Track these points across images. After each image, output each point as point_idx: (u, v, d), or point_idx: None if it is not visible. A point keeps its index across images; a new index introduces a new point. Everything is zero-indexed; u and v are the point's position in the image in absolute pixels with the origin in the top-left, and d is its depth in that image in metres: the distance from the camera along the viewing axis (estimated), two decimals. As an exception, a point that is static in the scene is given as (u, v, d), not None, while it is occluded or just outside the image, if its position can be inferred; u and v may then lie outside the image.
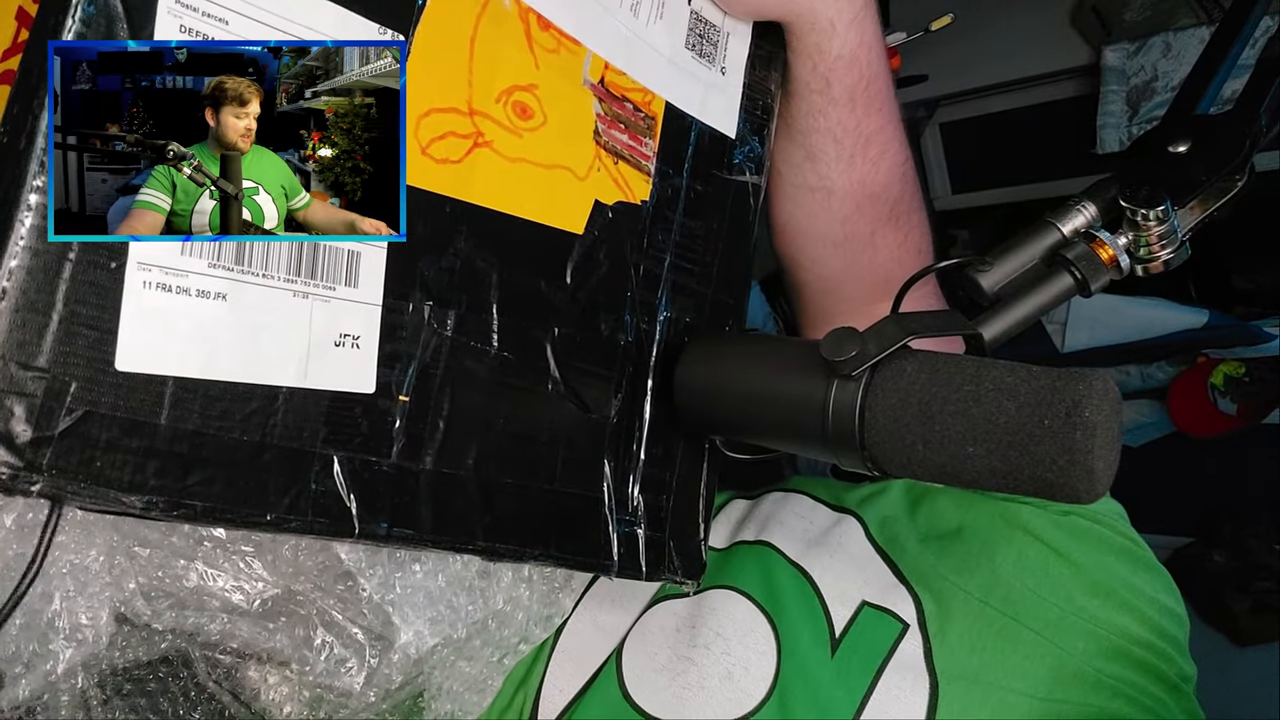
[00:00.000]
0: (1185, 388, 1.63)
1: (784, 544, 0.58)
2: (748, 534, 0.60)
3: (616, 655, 0.55)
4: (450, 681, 0.50)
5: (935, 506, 0.59)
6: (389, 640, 0.45)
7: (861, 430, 0.41)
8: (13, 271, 0.31)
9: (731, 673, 0.52)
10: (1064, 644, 0.51)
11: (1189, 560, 1.63)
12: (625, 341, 0.50)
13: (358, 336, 0.39)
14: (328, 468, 0.38)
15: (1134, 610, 0.53)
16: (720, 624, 0.54)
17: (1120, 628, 0.52)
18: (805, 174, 0.59)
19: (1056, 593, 0.53)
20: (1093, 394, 0.36)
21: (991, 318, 0.46)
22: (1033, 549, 0.54)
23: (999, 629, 0.52)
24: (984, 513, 0.57)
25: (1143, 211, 0.45)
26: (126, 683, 0.42)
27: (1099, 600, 0.52)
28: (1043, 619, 0.52)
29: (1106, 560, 0.54)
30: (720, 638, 0.54)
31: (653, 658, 0.54)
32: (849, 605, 0.54)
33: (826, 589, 0.55)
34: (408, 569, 0.46)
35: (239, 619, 0.44)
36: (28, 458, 0.31)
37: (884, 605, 0.53)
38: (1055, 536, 0.55)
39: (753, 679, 0.52)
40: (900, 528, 0.58)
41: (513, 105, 0.44)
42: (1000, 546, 0.55)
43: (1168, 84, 1.55)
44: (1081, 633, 0.51)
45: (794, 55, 0.56)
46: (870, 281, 0.63)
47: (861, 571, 0.56)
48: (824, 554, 0.57)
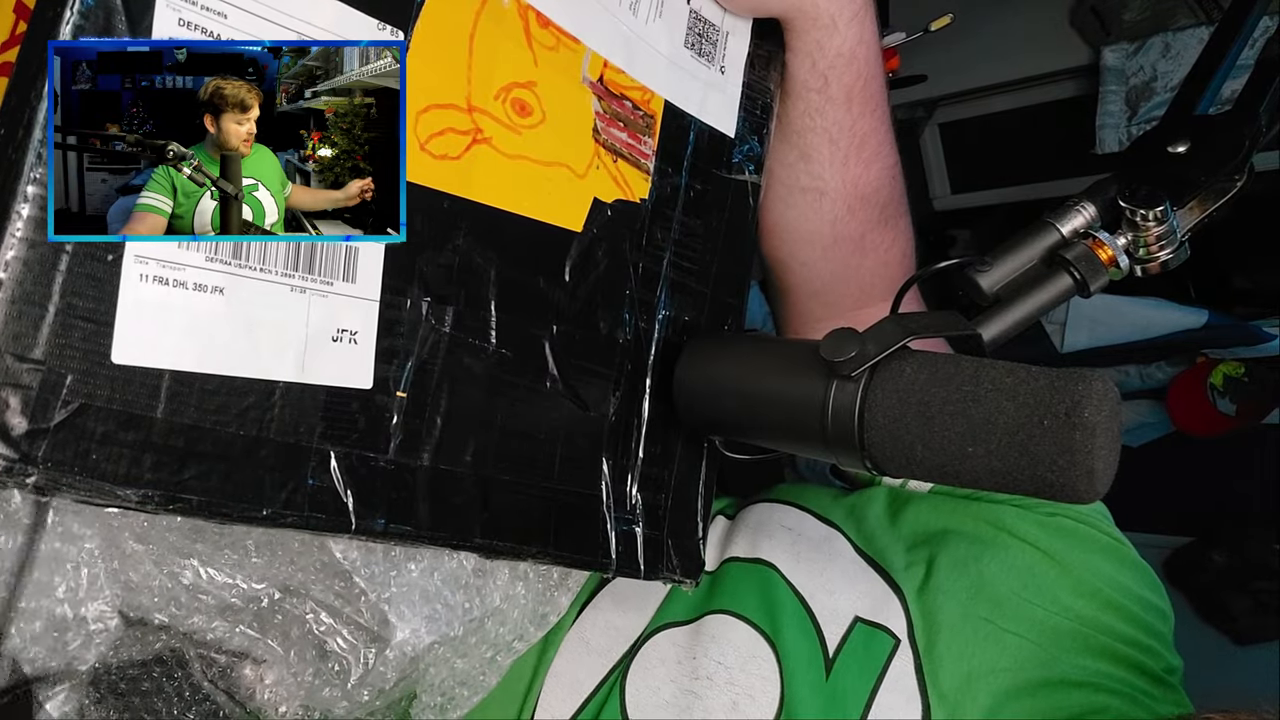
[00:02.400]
0: (1185, 388, 1.63)
1: (779, 561, 0.58)
2: (739, 550, 0.60)
3: (620, 689, 0.55)
4: (442, 677, 0.50)
5: (918, 513, 0.59)
6: (385, 639, 0.45)
7: (861, 430, 0.41)
8: (9, 263, 0.31)
9: (737, 703, 0.52)
10: (1051, 645, 0.52)
11: (1189, 560, 1.63)
12: (624, 340, 0.50)
13: (355, 332, 0.39)
14: (324, 463, 0.38)
15: (1120, 608, 0.53)
16: (722, 652, 0.54)
17: (1107, 626, 0.52)
18: (798, 174, 0.59)
19: (1043, 595, 0.53)
20: (1092, 394, 0.36)
21: (991, 318, 0.46)
22: (1019, 551, 0.55)
23: (985, 634, 0.52)
24: (969, 517, 0.57)
25: (1142, 212, 0.45)
26: (120, 682, 0.42)
27: (1085, 600, 0.53)
28: (1029, 620, 0.52)
29: (1092, 560, 0.55)
30: (723, 667, 0.53)
31: (656, 692, 0.54)
32: (841, 622, 0.54)
33: (819, 607, 0.55)
34: (403, 567, 0.46)
35: (235, 617, 0.43)
36: (23, 450, 0.31)
37: (875, 620, 0.53)
38: (1041, 538, 0.55)
39: (758, 707, 0.52)
40: (885, 536, 0.58)
41: (512, 102, 0.44)
42: (986, 550, 0.55)
43: (1167, 84, 1.55)
44: (1069, 633, 0.52)
45: (792, 54, 0.56)
46: (857, 285, 0.63)
47: (854, 585, 0.55)
48: (815, 570, 0.57)
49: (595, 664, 0.56)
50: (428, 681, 0.49)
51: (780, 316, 0.70)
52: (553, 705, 0.55)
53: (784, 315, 0.69)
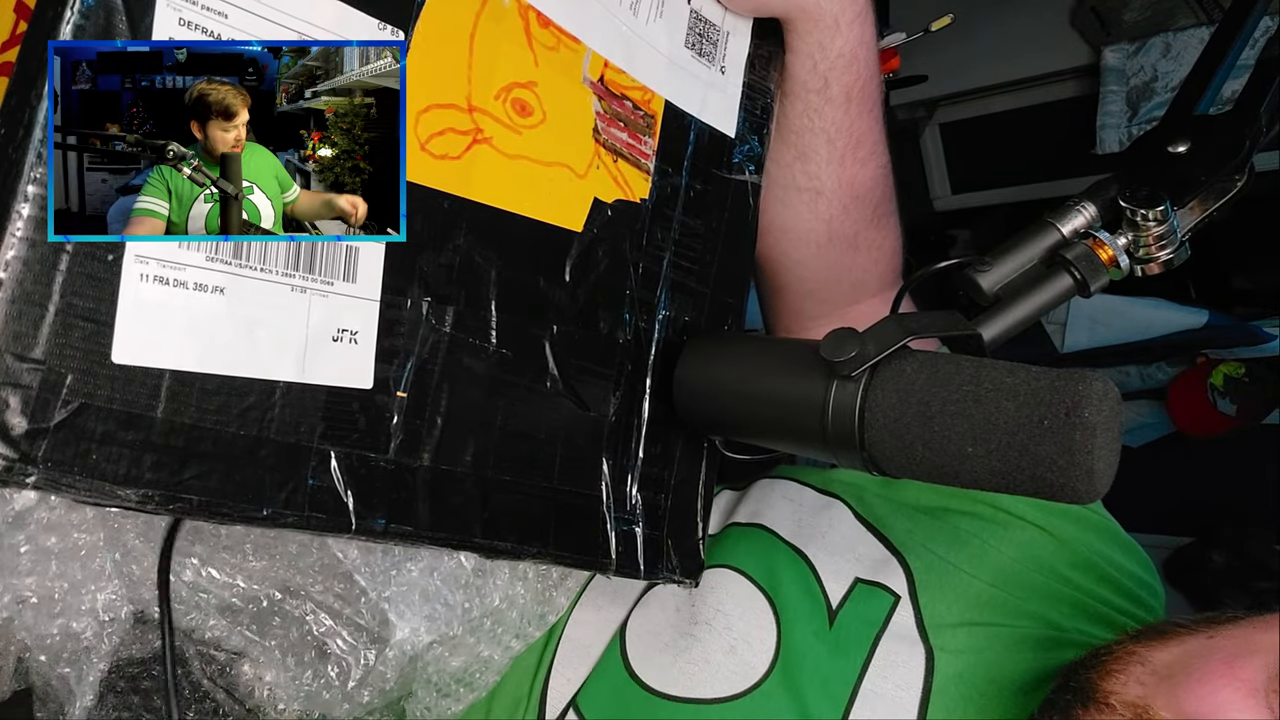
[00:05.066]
0: (1185, 388, 1.63)
1: (778, 526, 0.59)
2: (740, 517, 0.62)
3: (620, 636, 0.56)
4: (439, 675, 0.50)
5: (918, 488, 0.61)
6: (385, 639, 0.45)
7: (861, 431, 0.41)
8: (9, 263, 0.31)
9: (734, 647, 0.53)
10: (1052, 609, 0.54)
11: (1189, 560, 1.63)
12: (624, 340, 0.50)
13: (356, 332, 0.39)
14: (325, 463, 0.38)
15: (1114, 582, 0.56)
16: (720, 601, 0.55)
17: (1103, 596, 0.55)
18: (795, 174, 0.59)
19: (1042, 566, 0.55)
20: (1092, 394, 0.36)
21: (991, 318, 0.46)
22: (1018, 527, 0.57)
23: (987, 597, 0.54)
24: (967, 497, 0.59)
25: (1142, 212, 0.45)
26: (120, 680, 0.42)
27: (1081, 572, 0.56)
28: (1030, 586, 0.54)
29: (1087, 537, 0.57)
30: (721, 614, 0.55)
31: (656, 636, 0.55)
32: (843, 582, 0.55)
33: (821, 566, 0.56)
34: (403, 567, 0.46)
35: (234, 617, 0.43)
36: (23, 450, 0.31)
37: (876, 580, 0.55)
38: (1039, 516, 0.57)
39: (755, 652, 0.53)
40: (884, 503, 0.60)
41: (512, 102, 0.44)
42: (986, 526, 0.57)
43: (1167, 84, 1.55)
44: (1067, 600, 0.55)
45: (793, 54, 0.56)
46: (850, 282, 0.64)
47: (853, 549, 0.57)
48: (816, 535, 0.58)
49: (603, 627, 0.57)
50: (425, 678, 0.49)
51: (772, 315, 0.70)
52: (566, 671, 0.56)
53: (776, 313, 0.69)
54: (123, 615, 0.40)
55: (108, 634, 0.39)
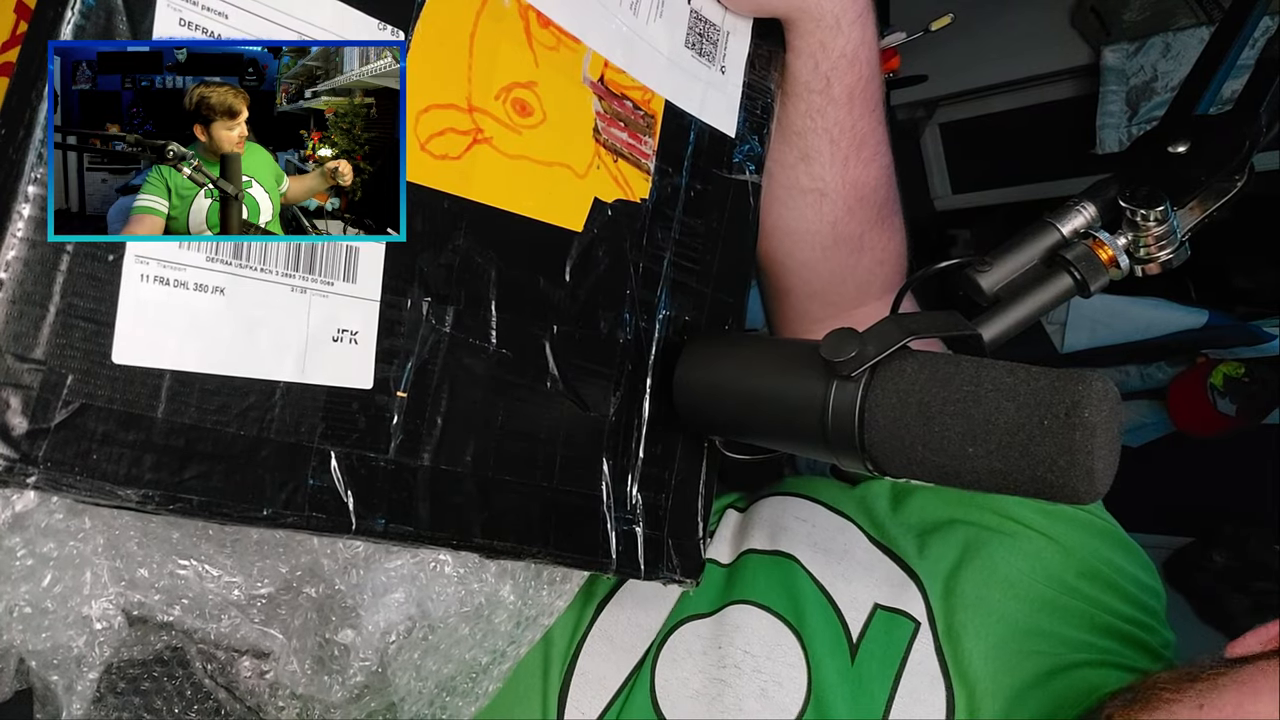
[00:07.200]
0: (1185, 388, 1.63)
1: (798, 552, 0.58)
2: (757, 543, 0.60)
3: (650, 683, 0.55)
4: (423, 683, 0.49)
5: (924, 503, 0.61)
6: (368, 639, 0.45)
7: (861, 431, 0.41)
8: (10, 263, 0.31)
9: (766, 690, 0.53)
10: (1061, 626, 0.54)
11: (1189, 560, 1.63)
12: (624, 340, 0.50)
13: (356, 332, 0.39)
14: (325, 463, 0.38)
15: (1119, 589, 0.57)
16: (747, 641, 0.54)
17: (1108, 605, 0.56)
18: (799, 175, 0.59)
19: (1051, 578, 0.56)
20: (1092, 394, 0.36)
21: (991, 318, 0.46)
22: (1025, 537, 0.57)
23: (1000, 615, 0.54)
24: (974, 506, 0.59)
25: (1142, 212, 0.45)
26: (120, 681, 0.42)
27: (1088, 581, 0.56)
28: (1039, 602, 0.55)
29: (1092, 543, 0.58)
30: (749, 655, 0.54)
31: (685, 684, 0.54)
32: (862, 610, 0.55)
33: (839, 595, 0.56)
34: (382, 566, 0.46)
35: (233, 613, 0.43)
36: (23, 450, 0.31)
37: (895, 606, 0.55)
38: (1044, 523, 0.57)
39: (787, 693, 0.52)
40: (894, 525, 0.60)
41: (512, 102, 0.44)
42: (994, 536, 0.57)
43: (1167, 84, 1.55)
44: (1075, 612, 0.55)
45: (794, 55, 0.56)
46: (855, 284, 0.64)
47: (870, 574, 0.57)
48: (833, 560, 0.58)
49: (621, 660, 0.57)
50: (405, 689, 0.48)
51: (776, 316, 0.70)
52: (581, 704, 0.55)
53: (781, 315, 0.69)
54: (116, 625, 0.39)
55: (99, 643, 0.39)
